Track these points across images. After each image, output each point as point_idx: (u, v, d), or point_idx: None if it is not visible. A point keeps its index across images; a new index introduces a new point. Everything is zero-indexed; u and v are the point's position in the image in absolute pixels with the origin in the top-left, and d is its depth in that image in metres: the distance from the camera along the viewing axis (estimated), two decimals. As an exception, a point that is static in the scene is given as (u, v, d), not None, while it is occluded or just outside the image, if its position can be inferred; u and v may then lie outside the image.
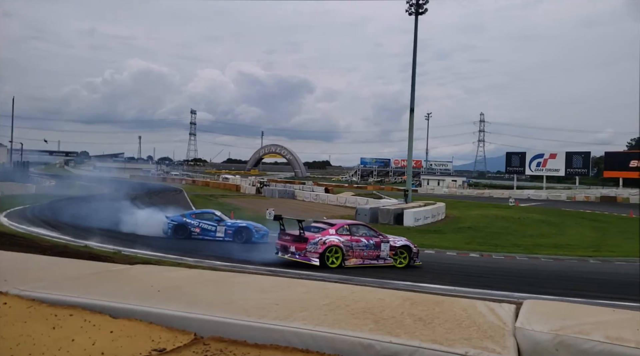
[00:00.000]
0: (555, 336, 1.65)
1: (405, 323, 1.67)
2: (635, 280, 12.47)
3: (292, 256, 12.15)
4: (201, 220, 17.04)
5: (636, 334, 1.69)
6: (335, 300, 1.90)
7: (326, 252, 11.98)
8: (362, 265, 12.35)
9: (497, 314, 1.90)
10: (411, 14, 34.77)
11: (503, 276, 12.36)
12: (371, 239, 12.73)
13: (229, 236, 16.72)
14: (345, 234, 12.50)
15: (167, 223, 16.82)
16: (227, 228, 16.87)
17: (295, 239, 12.23)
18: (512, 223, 26.74)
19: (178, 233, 16.62)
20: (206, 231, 16.83)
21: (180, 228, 16.78)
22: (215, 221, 17.02)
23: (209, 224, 16.92)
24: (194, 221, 17.01)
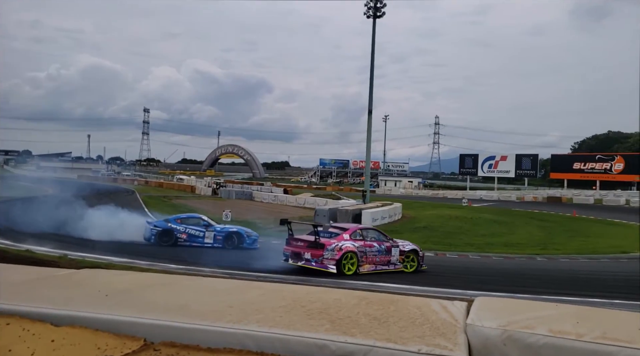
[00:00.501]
0: (504, 331, 1.72)
1: (360, 322, 1.69)
2: (577, 276, 13.29)
3: (306, 264, 11.50)
4: (187, 225, 16.14)
5: (576, 327, 1.79)
6: (291, 301, 1.89)
7: (342, 259, 11.44)
8: (375, 271, 11.91)
9: (449, 311, 1.96)
10: (369, 16, 35.35)
11: (456, 275, 12.79)
12: (382, 244, 12.35)
13: (218, 242, 15.91)
14: (359, 240, 12.04)
15: (150, 229, 15.86)
16: (216, 233, 16.04)
17: (310, 246, 11.54)
18: (465, 223, 27.71)
19: (163, 240, 15.68)
20: (194, 237, 15.93)
21: (166, 234, 15.82)
22: (203, 226, 16.17)
23: (196, 230, 16.03)
24: (179, 226, 16.06)
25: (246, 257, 13.63)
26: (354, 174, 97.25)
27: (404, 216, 30.44)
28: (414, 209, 34.65)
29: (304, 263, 11.55)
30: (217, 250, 15.34)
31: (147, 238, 15.85)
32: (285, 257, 12.15)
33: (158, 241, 15.65)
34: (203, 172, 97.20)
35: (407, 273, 12.31)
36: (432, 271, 12.98)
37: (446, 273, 12.92)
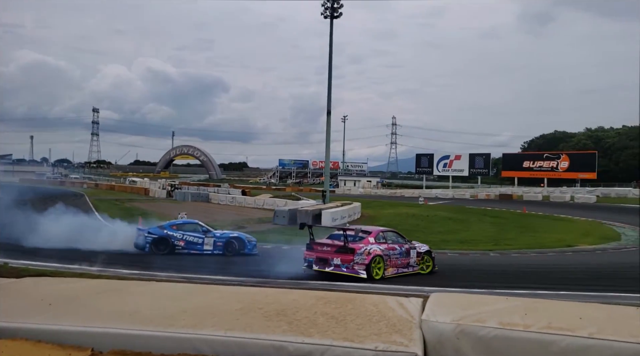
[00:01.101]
0: (457, 325, 1.78)
1: (318, 322, 1.70)
2: (527, 270, 13.94)
3: (336, 270, 11.05)
4: (185, 232, 15.38)
5: (524, 318, 1.88)
6: (249, 304, 1.87)
7: (372, 263, 11.12)
8: (397, 275, 11.70)
9: (405, 308, 2.01)
10: (326, 17, 35.54)
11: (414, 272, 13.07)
12: (403, 246, 12.15)
13: (218, 248, 15.24)
14: (382, 243, 11.75)
15: (145, 237, 14.96)
16: (216, 239, 15.36)
17: (339, 251, 11.10)
18: (421, 221, 28.45)
19: (159, 248, 14.86)
20: (192, 244, 15.17)
21: (162, 241, 15.00)
22: (202, 232, 15.47)
23: (194, 236, 15.29)
24: (176, 233, 15.27)
25: (253, 264, 13.13)
26: (314, 175, 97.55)
27: (363, 215, 30.86)
28: (372, 208, 35.18)
29: (333, 269, 11.11)
30: (218, 257, 14.68)
31: (140, 246, 14.91)
32: (307, 263, 11.60)
33: (154, 249, 14.77)
34: (157, 174, 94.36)
35: (423, 274, 12.27)
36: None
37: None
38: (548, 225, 28.25)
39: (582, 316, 1.94)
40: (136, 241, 15.02)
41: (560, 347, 1.73)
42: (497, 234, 24.17)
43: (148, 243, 14.92)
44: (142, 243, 14.92)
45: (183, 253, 14.98)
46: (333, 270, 11.09)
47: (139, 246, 14.95)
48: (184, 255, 14.79)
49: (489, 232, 25.33)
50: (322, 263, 11.28)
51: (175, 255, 14.68)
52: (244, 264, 13.53)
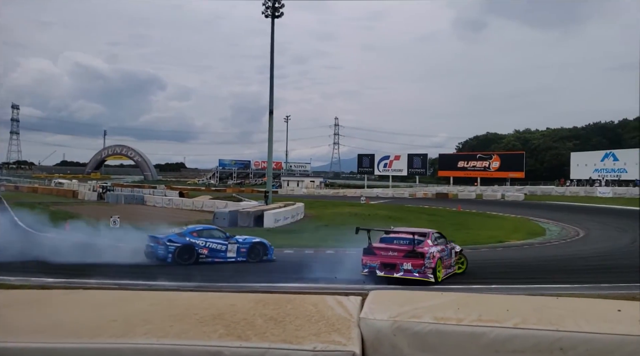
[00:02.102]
0: (394, 322, 1.83)
1: (256, 324, 1.68)
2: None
3: (407, 275, 10.83)
4: (207, 239, 14.35)
5: (457, 313, 1.97)
6: (184, 309, 1.82)
7: (436, 266, 11.03)
8: (446, 276, 11.65)
9: (344, 306, 2.03)
10: (267, 16, 35.32)
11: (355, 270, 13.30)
12: (447, 246, 12.13)
13: (242, 255, 14.47)
14: (436, 245, 11.68)
15: (167, 246, 13.74)
16: (239, 245, 14.55)
17: (408, 255, 10.92)
18: (363, 220, 29.06)
19: (183, 258, 13.73)
20: (215, 252, 14.23)
21: (186, 250, 13.86)
22: (224, 238, 14.58)
23: (217, 243, 14.36)
24: (198, 240, 14.20)
25: (286, 270, 12.61)
26: (256, 175, 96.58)
27: (306, 215, 31.00)
28: (316, 208, 35.43)
29: (403, 274, 10.89)
30: (246, 265, 14.00)
31: (161, 256, 13.69)
32: (367, 269, 11.29)
33: (177, 260, 13.62)
34: (87, 176, 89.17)
35: (458, 274, 12.30)
36: (334, 268, 13.37)
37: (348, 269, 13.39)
38: (481, 222, 29.88)
39: (509, 308, 2.05)
40: (156, 251, 13.79)
41: (489, 338, 1.83)
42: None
43: (171, 253, 13.69)
44: (164, 253, 13.70)
45: (207, 262, 14.07)
46: (403, 275, 10.88)
47: (160, 257, 13.69)
48: (209, 264, 13.93)
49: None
50: (389, 268, 11.04)
51: (199, 265, 13.74)
52: (282, 271, 12.88)
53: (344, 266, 12.71)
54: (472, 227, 27.10)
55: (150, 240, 14.25)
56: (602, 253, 17.27)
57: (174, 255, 13.72)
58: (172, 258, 13.72)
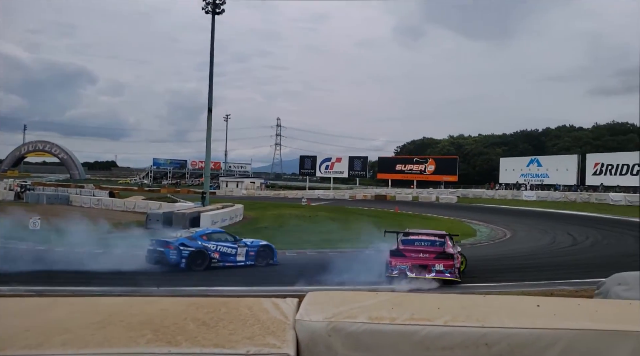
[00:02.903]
0: (329, 323, 1.85)
1: (187, 328, 1.63)
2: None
3: (438, 275, 11.15)
4: (217, 242, 13.86)
5: (391, 312, 2.03)
6: (108, 315, 1.72)
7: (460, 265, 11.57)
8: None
9: (280, 309, 2.03)
10: (208, 12, 34.51)
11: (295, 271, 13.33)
12: (456, 247, 12.68)
13: (250, 258, 14.16)
14: (454, 245, 12.27)
15: (180, 250, 13.02)
16: (248, 248, 14.20)
17: (440, 257, 11.29)
18: (304, 221, 29.21)
19: (196, 263, 13.16)
20: (226, 256, 13.79)
21: (199, 255, 13.26)
22: (234, 242, 14.18)
23: (228, 247, 13.91)
24: (209, 244, 13.65)
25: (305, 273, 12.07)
26: (193, 175, 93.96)
27: (246, 217, 30.61)
28: (256, 210, 35.08)
29: (435, 275, 11.17)
30: (255, 269, 13.71)
31: (173, 262, 12.95)
32: (397, 271, 11.36)
33: (190, 265, 13.01)
34: (3, 173, 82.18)
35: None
36: (269, 269, 13.31)
37: (285, 271, 13.39)
38: (417, 223, 31.03)
39: (440, 307, 2.14)
40: (168, 257, 12.95)
41: (421, 336, 1.90)
42: (373, 232, 25.80)
43: (184, 258, 13.05)
44: (177, 259, 12.95)
45: (218, 266, 13.62)
46: (435, 276, 11.22)
47: (173, 262, 12.95)
48: (220, 269, 13.37)
49: (366, 230, 26.92)
50: (421, 269, 11.29)
51: (212, 270, 13.15)
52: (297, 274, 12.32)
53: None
54: (408, 228, 28.06)
55: (157, 244, 13.51)
56: (526, 252, 18.56)
57: (188, 260, 13.15)
58: (186, 263, 13.11)
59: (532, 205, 46.39)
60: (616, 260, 15.61)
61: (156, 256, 13.37)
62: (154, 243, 13.70)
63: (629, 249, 18.85)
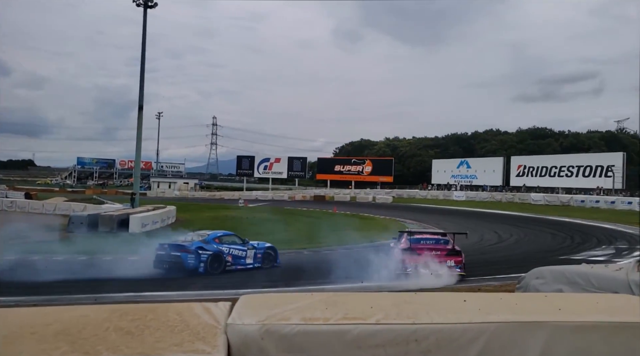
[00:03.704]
0: (262, 326, 1.83)
1: (109, 339, 1.55)
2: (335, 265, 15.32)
3: (451, 271, 11.92)
4: (229, 245, 13.75)
5: (325, 312, 2.04)
6: (18, 328, 1.59)
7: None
8: None
9: (212, 313, 1.98)
10: (139, 5, 33.01)
11: (229, 276, 13.11)
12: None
13: (258, 260, 14.20)
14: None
15: (199, 254, 12.70)
16: (256, 251, 14.21)
17: (450, 254, 12.27)
18: (241, 223, 28.77)
19: (213, 266, 12.96)
20: (238, 259, 13.77)
21: (216, 258, 13.12)
22: (243, 244, 14.15)
23: (239, 249, 13.87)
24: (222, 247, 13.53)
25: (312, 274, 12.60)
26: (121, 175, 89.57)
27: (179, 219, 29.63)
28: (190, 211, 34.06)
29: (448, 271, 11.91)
30: (265, 271, 13.70)
31: (191, 266, 12.64)
32: (410, 268, 11.97)
33: (209, 269, 12.81)
34: None
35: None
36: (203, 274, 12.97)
37: (221, 275, 13.12)
38: (355, 223, 31.66)
39: (372, 306, 2.19)
40: (187, 261, 12.66)
41: (353, 335, 1.93)
42: (311, 233, 26.01)
43: (203, 262, 12.78)
44: (195, 263, 12.66)
45: (231, 269, 13.55)
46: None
47: (190, 267, 12.64)
48: (232, 272, 13.35)
49: (304, 231, 27.07)
50: (434, 266, 11.97)
51: (228, 274, 13.06)
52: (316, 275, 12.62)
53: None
54: (346, 228, 28.58)
55: (172, 249, 13.06)
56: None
57: (206, 265, 12.89)
58: (204, 267, 12.84)
59: (462, 205, 48.95)
60: (535, 256, 16.85)
61: (171, 261, 12.95)
62: (165, 248, 13.26)
63: (547, 246, 20.45)
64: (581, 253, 17.96)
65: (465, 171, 65.93)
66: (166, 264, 13.01)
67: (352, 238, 23.22)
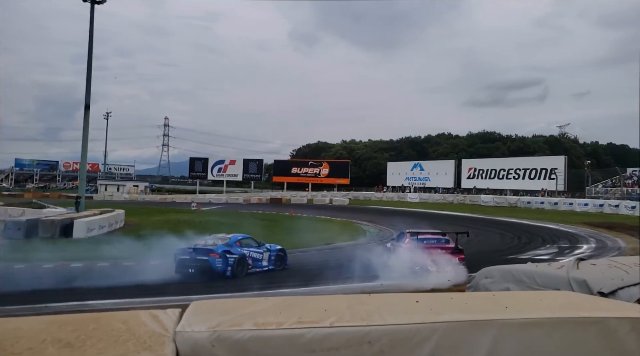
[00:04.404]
0: (213, 332, 1.79)
1: (46, 352, 1.45)
2: (292, 269, 15.29)
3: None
4: (249, 248, 14.05)
5: (278, 317, 2.02)
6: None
7: None
8: None
9: (160, 321, 1.91)
10: (85, 0, 31.64)
11: (181, 282, 12.76)
12: None
13: (271, 262, 14.43)
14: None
15: (227, 257, 12.84)
16: (270, 253, 14.48)
17: (455, 252, 13.16)
18: (193, 227, 28.10)
19: (238, 269, 13.12)
20: (256, 262, 14.02)
21: (241, 261, 13.33)
22: (258, 247, 14.39)
23: (257, 252, 14.13)
24: (243, 249, 13.74)
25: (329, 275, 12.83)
26: (65, 178, 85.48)
27: (127, 223, 28.57)
28: (139, 215, 32.93)
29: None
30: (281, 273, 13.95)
31: (219, 270, 12.68)
32: (418, 266, 12.57)
33: (235, 273, 12.95)
34: None
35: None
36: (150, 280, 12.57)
37: (171, 281, 12.74)
38: (311, 225, 31.72)
39: (327, 308, 2.19)
40: (211, 265, 12.69)
41: (307, 339, 1.92)
42: (268, 236, 25.81)
43: (230, 266, 12.86)
44: (223, 266, 12.76)
45: (251, 272, 13.70)
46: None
47: (219, 270, 12.70)
48: (251, 275, 13.45)
49: (260, 235, 26.77)
50: (441, 263, 12.58)
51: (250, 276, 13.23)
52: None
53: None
54: (303, 230, 28.56)
55: (197, 253, 12.96)
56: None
57: (233, 268, 12.98)
58: (232, 271, 12.94)
59: (416, 206, 50.17)
60: (485, 256, 17.52)
61: (197, 265, 12.84)
62: (190, 252, 13.09)
63: (496, 246, 21.33)
64: (527, 252, 18.87)
65: (419, 174, 67.70)
66: (192, 269, 12.82)
67: (309, 241, 23.27)
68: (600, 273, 4.37)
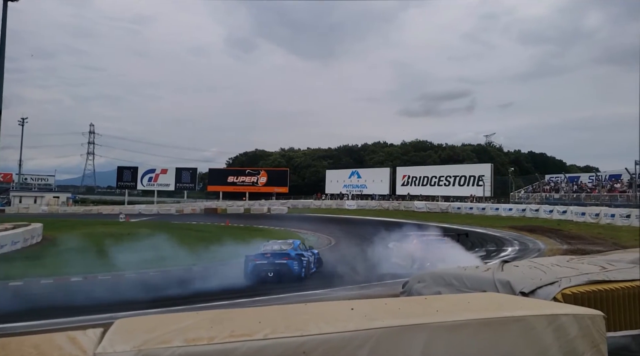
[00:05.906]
0: (138, 352, 1.70)
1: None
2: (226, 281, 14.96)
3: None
4: (305, 252, 15.52)
5: (210, 331, 1.96)
6: None
7: None
8: None
9: (78, 343, 1.79)
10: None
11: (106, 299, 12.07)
12: None
13: (315, 265, 15.80)
14: None
15: (302, 260, 14.35)
16: (315, 256, 15.90)
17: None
18: (121, 240, 26.73)
19: (308, 271, 14.69)
20: (310, 264, 15.28)
21: (309, 264, 14.91)
22: (307, 251, 15.72)
23: (310, 255, 15.63)
24: (304, 253, 15.32)
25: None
26: (-26, 189, 77.98)
27: (46, 238, 26.66)
28: (59, 229, 30.81)
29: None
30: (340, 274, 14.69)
31: (296, 272, 14.06)
32: (429, 263, 13.49)
33: (306, 274, 14.41)
34: None
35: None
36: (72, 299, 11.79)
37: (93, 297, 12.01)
38: (248, 236, 31.27)
39: (261, 320, 2.16)
40: (290, 268, 13.87)
41: (240, 353, 1.88)
42: (201, 248, 25.09)
43: (304, 267, 14.28)
44: (299, 269, 14.10)
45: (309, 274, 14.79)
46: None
47: (296, 273, 13.93)
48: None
49: (193, 247, 25.98)
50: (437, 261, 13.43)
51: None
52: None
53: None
54: (239, 241, 28.07)
55: (274, 257, 14.02)
56: (349, 258, 20.27)
57: (306, 270, 14.35)
58: (305, 272, 14.29)
59: (354, 213, 51.10)
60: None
61: (276, 269, 13.90)
62: (268, 257, 14.14)
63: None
64: (458, 256, 19.78)
65: (356, 181, 69.08)
66: (271, 272, 13.90)
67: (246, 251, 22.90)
68: (522, 273, 4.68)
